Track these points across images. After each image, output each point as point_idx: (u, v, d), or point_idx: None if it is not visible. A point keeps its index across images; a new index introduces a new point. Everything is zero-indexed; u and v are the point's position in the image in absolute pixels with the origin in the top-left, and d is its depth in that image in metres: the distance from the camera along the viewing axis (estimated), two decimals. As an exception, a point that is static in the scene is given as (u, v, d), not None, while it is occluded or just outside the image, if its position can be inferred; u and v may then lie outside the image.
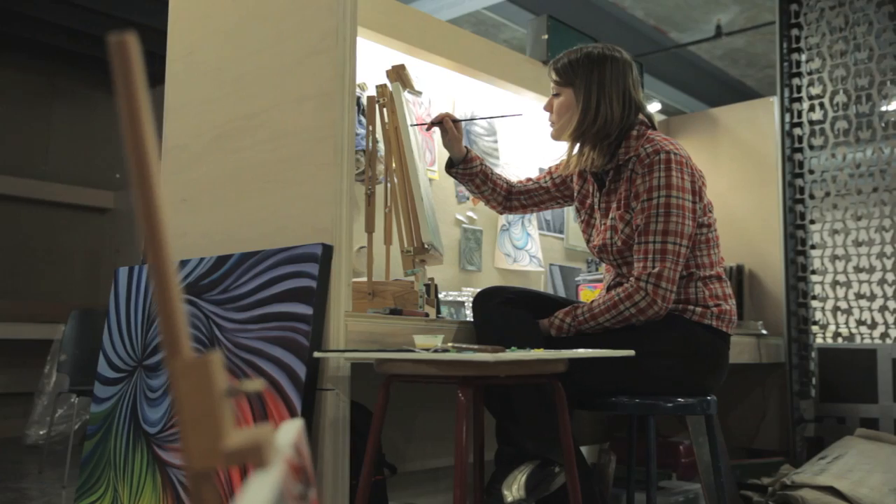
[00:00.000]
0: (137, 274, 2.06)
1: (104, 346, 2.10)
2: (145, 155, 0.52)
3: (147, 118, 0.53)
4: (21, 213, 5.10)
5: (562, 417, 1.45)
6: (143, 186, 0.52)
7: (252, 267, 1.74)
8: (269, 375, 1.62)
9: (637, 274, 1.77)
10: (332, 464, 1.57)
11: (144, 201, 0.52)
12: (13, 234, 5.05)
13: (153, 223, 0.52)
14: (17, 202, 5.04)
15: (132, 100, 0.52)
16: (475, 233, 2.85)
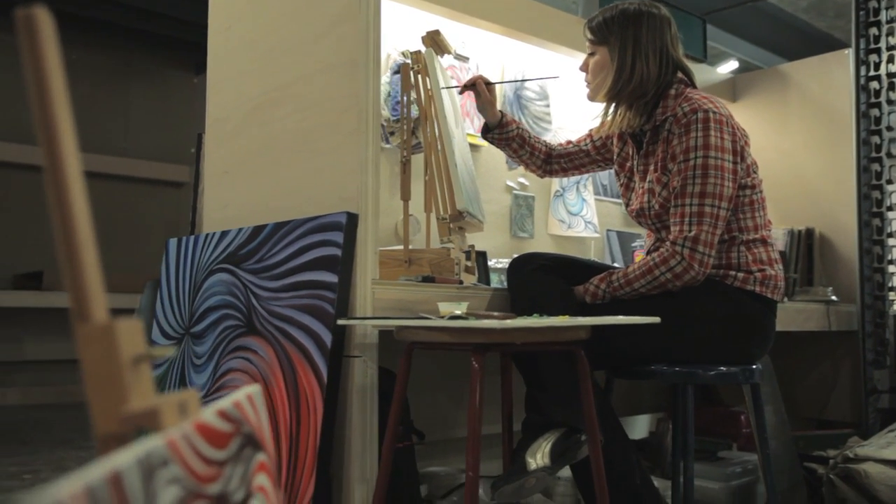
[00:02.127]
0: (185, 244, 2.12)
1: (157, 315, 2.18)
2: (53, 120, 0.53)
3: (58, 86, 0.54)
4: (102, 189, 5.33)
5: (584, 385, 1.42)
6: (50, 152, 0.53)
7: (284, 236, 1.77)
8: (298, 342, 1.65)
9: (673, 238, 1.71)
10: (360, 429, 1.59)
11: (52, 168, 0.53)
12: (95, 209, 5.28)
13: (61, 188, 0.53)
14: (98, 178, 5.27)
15: (40, 74, 0.53)
16: (527, 199, 2.81)
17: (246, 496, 0.62)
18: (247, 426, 0.67)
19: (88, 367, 0.52)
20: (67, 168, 0.53)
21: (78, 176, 0.54)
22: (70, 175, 0.54)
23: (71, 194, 0.53)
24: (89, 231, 0.55)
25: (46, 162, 0.53)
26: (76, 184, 0.54)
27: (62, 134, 0.53)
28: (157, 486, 0.45)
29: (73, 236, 0.53)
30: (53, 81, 0.53)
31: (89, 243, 0.54)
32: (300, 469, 1.57)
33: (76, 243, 0.53)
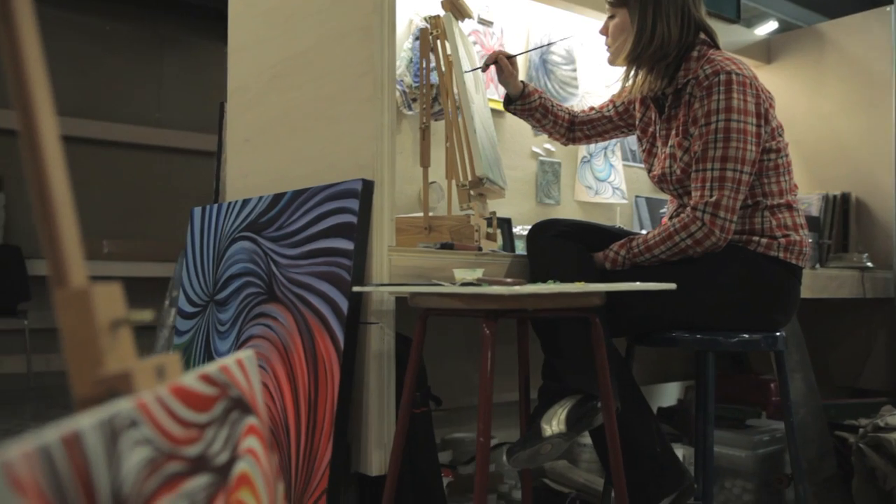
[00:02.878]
0: (209, 213, 2.14)
1: (183, 283, 2.21)
2: (28, 83, 0.53)
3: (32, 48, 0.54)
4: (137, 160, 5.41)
5: (599, 352, 1.41)
6: (25, 116, 0.53)
7: (302, 204, 1.77)
8: (316, 309, 1.66)
9: (693, 203, 1.68)
10: (378, 395, 1.61)
11: (27, 133, 0.53)
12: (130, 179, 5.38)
13: (37, 150, 0.54)
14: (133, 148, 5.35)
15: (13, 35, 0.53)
16: (553, 165, 2.78)
17: (231, 458, 0.63)
18: (235, 390, 0.67)
19: (66, 332, 0.53)
20: (43, 133, 0.54)
21: (55, 141, 0.55)
22: (46, 140, 0.54)
23: (47, 160, 0.54)
24: (67, 197, 0.55)
25: (21, 126, 0.53)
26: (53, 149, 0.54)
27: (37, 98, 0.54)
28: (122, 448, 0.46)
29: (50, 202, 0.54)
30: (27, 43, 0.53)
31: (67, 209, 0.55)
32: (318, 434, 1.59)
33: (53, 209, 0.54)
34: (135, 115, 5.35)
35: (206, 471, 0.57)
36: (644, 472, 1.71)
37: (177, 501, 0.51)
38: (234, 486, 0.62)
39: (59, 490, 0.39)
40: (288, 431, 1.67)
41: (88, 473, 0.42)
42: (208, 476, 0.57)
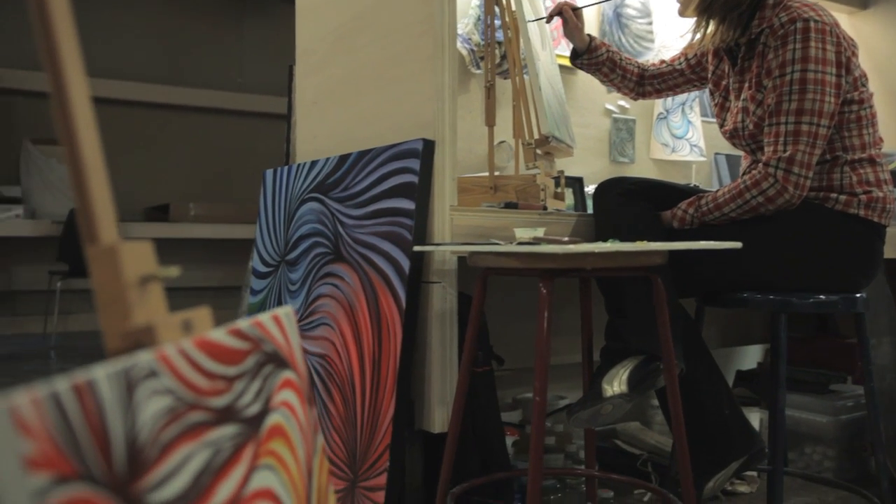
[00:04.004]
0: (280, 175, 2.19)
1: (256, 243, 2.28)
2: (57, 44, 0.55)
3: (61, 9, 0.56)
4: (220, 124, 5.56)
5: (660, 312, 1.38)
6: (55, 77, 0.55)
7: (366, 165, 1.79)
8: (379, 269, 1.69)
9: (766, 159, 1.61)
10: (440, 354, 1.62)
11: (58, 95, 0.55)
12: (215, 144, 5.54)
13: (68, 115, 0.56)
14: (216, 113, 5.50)
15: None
16: (627, 123, 2.72)
17: (263, 410, 0.65)
18: (269, 345, 0.69)
19: (97, 287, 0.55)
20: (74, 94, 0.56)
21: (85, 102, 0.57)
22: (76, 101, 0.56)
23: (78, 121, 0.56)
24: (98, 158, 0.57)
25: (52, 88, 0.55)
26: (83, 110, 0.56)
27: (67, 59, 0.55)
28: (140, 397, 0.48)
29: (81, 162, 0.56)
30: (56, 4, 0.55)
31: (98, 170, 0.57)
32: (381, 391, 1.62)
33: (84, 169, 0.56)
34: (218, 80, 5.49)
35: (234, 421, 0.59)
36: (712, 435, 1.68)
37: (200, 449, 0.53)
38: (265, 438, 0.64)
39: (70, 435, 0.41)
40: (354, 388, 1.71)
41: (102, 420, 0.44)
42: (236, 426, 0.59)
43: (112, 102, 5.23)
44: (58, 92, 0.55)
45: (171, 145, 5.42)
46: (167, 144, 5.41)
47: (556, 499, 1.87)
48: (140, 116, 5.30)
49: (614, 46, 2.07)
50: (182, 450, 0.51)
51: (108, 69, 5.23)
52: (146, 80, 5.26)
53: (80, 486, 0.41)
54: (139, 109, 5.29)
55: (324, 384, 1.82)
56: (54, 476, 0.39)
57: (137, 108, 5.28)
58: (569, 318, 2.25)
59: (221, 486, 0.55)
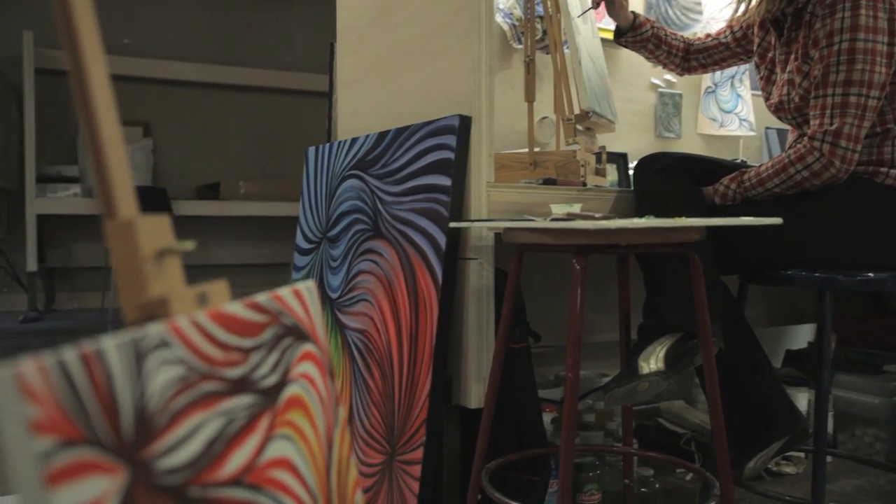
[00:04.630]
0: (321, 152, 2.21)
1: (300, 220, 2.31)
2: (75, 21, 0.57)
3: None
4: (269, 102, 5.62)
5: (697, 289, 1.36)
6: (73, 54, 0.57)
7: (404, 141, 1.79)
8: (417, 245, 1.69)
9: (811, 132, 1.56)
10: (476, 330, 1.63)
11: (76, 71, 0.57)
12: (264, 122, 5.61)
13: (86, 92, 0.57)
14: (265, 92, 5.55)
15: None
16: (673, 97, 2.66)
17: (281, 382, 0.66)
18: (289, 318, 0.70)
19: (115, 260, 0.57)
20: (92, 71, 0.57)
21: (104, 80, 0.58)
22: (95, 80, 0.57)
23: (96, 99, 0.57)
24: (116, 135, 0.59)
25: (71, 67, 0.57)
26: (101, 88, 0.58)
27: (85, 36, 0.57)
28: (150, 366, 0.50)
29: (100, 140, 0.57)
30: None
31: (116, 145, 0.58)
32: (419, 366, 1.64)
33: (102, 146, 0.57)
34: (267, 59, 5.54)
35: (250, 392, 0.61)
36: (753, 414, 1.65)
37: (213, 418, 0.55)
38: (283, 408, 0.65)
39: (76, 401, 0.43)
40: (392, 363, 1.73)
41: (110, 388, 0.46)
42: (251, 397, 0.61)
43: (164, 83, 5.33)
44: (76, 71, 0.57)
45: (221, 124, 5.50)
46: (218, 123, 5.49)
47: (594, 475, 1.87)
48: (191, 96, 5.39)
49: (659, 21, 2.02)
50: (194, 418, 0.53)
51: (159, 50, 5.33)
52: (197, 60, 5.35)
53: (86, 450, 0.42)
54: (190, 89, 5.38)
55: (363, 359, 1.85)
56: (59, 440, 0.41)
57: (189, 88, 5.37)
58: (612, 295, 2.24)
59: (235, 453, 0.57)
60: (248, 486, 0.57)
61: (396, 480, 1.64)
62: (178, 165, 5.33)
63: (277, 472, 0.61)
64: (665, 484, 2.15)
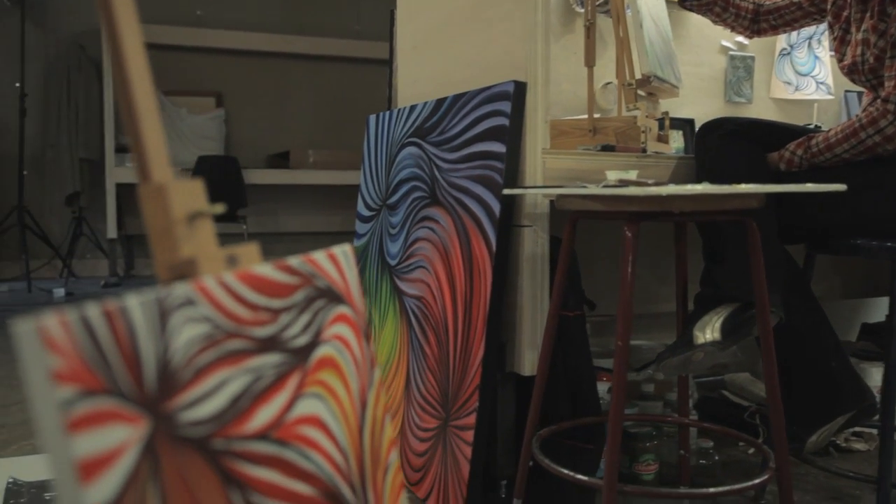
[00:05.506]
0: (382, 120, 2.22)
1: (361, 188, 2.34)
2: None
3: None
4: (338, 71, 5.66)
5: (754, 258, 1.32)
6: (109, 25, 0.59)
7: (460, 108, 1.79)
8: (472, 212, 1.70)
9: (885, 94, 1.48)
10: (530, 297, 1.63)
11: (112, 42, 0.59)
12: (333, 91, 5.66)
13: (122, 62, 0.59)
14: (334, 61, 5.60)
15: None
16: (745, 60, 2.57)
17: (312, 342, 0.68)
18: (322, 280, 0.72)
19: (148, 222, 0.59)
20: (126, 41, 0.59)
21: (138, 50, 0.60)
22: (130, 50, 0.59)
23: (130, 67, 0.59)
24: (150, 102, 0.61)
25: (107, 37, 0.59)
26: (136, 56, 0.60)
27: (120, 9, 0.59)
28: (174, 323, 0.52)
29: (134, 107, 0.59)
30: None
31: (150, 113, 0.60)
32: (472, 333, 1.65)
33: (137, 113, 0.59)
34: (335, 27, 5.58)
35: (279, 351, 0.62)
36: (817, 387, 1.61)
37: (239, 375, 0.57)
38: (314, 368, 0.67)
39: (98, 354, 0.45)
40: (447, 330, 1.74)
41: (133, 343, 0.48)
42: (280, 356, 0.62)
43: (235, 53, 5.43)
44: (112, 42, 0.59)
45: (291, 93, 5.58)
46: (288, 93, 5.58)
47: (651, 446, 1.85)
48: (262, 66, 5.48)
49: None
50: (219, 374, 0.55)
51: (231, 20, 5.42)
52: (268, 30, 5.42)
53: (106, 400, 0.44)
54: (261, 59, 5.47)
55: (420, 326, 1.87)
56: (80, 389, 0.43)
57: (260, 58, 5.46)
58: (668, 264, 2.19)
59: (262, 409, 0.58)
60: (275, 440, 0.59)
61: (450, 445, 1.66)
62: (249, 135, 5.44)
63: (306, 429, 0.63)
64: (726, 457, 2.12)
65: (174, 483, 0.48)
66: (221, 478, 0.52)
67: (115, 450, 0.44)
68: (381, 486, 0.74)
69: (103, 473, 0.43)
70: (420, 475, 1.78)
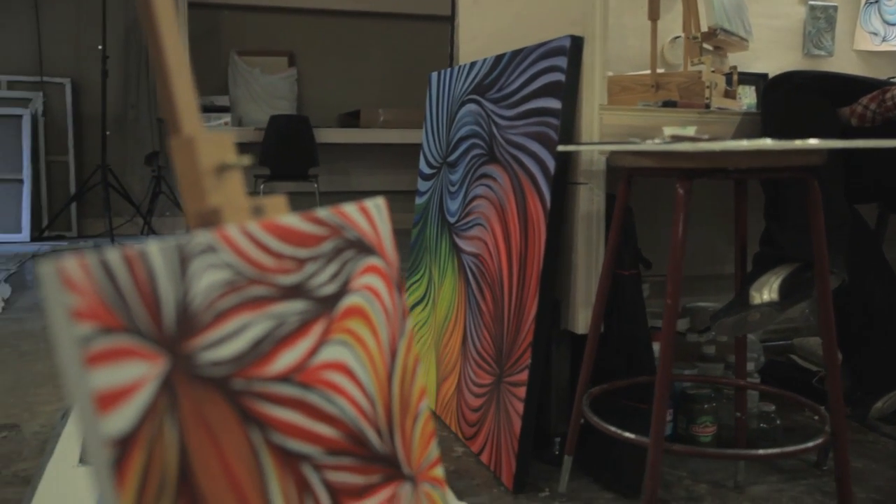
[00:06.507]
0: (443, 77, 2.22)
1: (422, 146, 2.35)
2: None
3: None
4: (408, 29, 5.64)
5: (814, 216, 1.28)
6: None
7: (518, 64, 1.77)
8: (528, 169, 1.69)
9: (966, 45, 1.40)
10: (585, 255, 1.62)
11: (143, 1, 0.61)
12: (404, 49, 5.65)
13: (152, 18, 0.61)
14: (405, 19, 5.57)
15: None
16: (826, 10, 2.45)
17: (340, 291, 0.70)
18: (352, 232, 0.73)
19: (179, 173, 0.62)
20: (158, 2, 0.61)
21: (169, 8, 0.62)
22: (160, 8, 0.61)
23: (161, 24, 0.61)
24: (181, 58, 0.63)
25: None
26: (166, 13, 0.62)
27: (150, -32, 0.61)
28: (195, 268, 0.54)
29: (165, 63, 0.62)
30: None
31: (181, 69, 0.62)
32: (526, 290, 1.65)
33: (167, 69, 0.62)
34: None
35: (303, 298, 0.65)
36: (883, 352, 1.56)
37: (261, 319, 0.59)
38: (340, 316, 0.69)
39: (117, 295, 0.48)
40: (502, 286, 1.75)
41: (152, 286, 0.50)
42: (305, 303, 0.65)
43: (307, 12, 5.47)
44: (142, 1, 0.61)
45: (362, 52, 5.60)
46: (359, 52, 5.60)
47: (709, 408, 1.83)
48: (334, 25, 5.51)
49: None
50: (240, 318, 0.57)
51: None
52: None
53: (124, 338, 0.47)
54: (333, 18, 5.50)
55: (477, 283, 1.88)
56: (98, 326, 0.46)
57: (331, 16, 5.49)
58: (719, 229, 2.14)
59: (285, 353, 0.61)
60: (298, 384, 0.62)
61: (503, 401, 1.68)
62: (321, 94, 5.50)
63: (331, 374, 0.66)
64: (791, 422, 2.07)
65: (192, 418, 0.50)
66: (240, 416, 0.55)
67: (132, 384, 0.47)
68: (411, 433, 0.76)
69: (121, 405, 0.46)
70: (475, 430, 1.81)
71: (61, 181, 5.38)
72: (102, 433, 0.44)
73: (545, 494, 1.58)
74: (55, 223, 5.16)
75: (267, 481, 0.55)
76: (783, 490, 1.61)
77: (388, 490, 0.70)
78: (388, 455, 0.71)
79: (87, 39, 5.23)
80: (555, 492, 1.59)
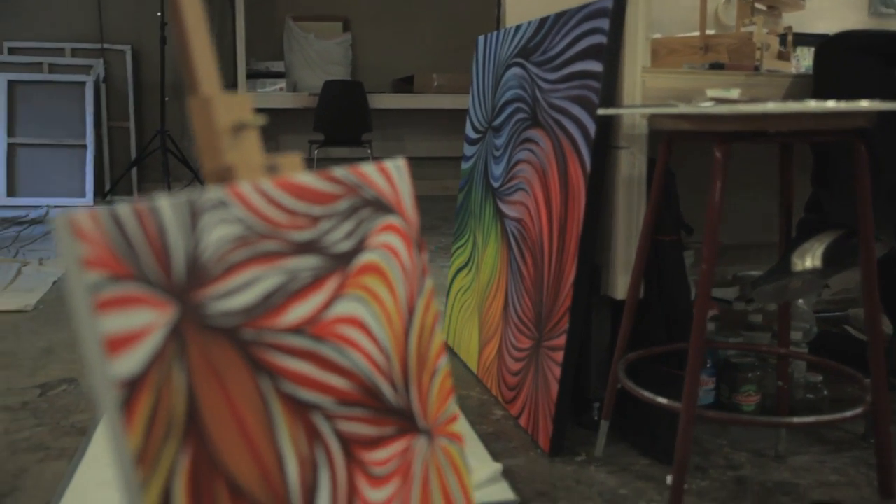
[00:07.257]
0: (490, 41, 2.21)
1: (469, 111, 2.34)
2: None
3: None
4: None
5: (860, 181, 1.24)
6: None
7: (562, 27, 1.75)
8: (569, 133, 1.67)
9: None
10: (625, 221, 1.60)
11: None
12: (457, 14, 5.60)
13: (171, -17, 0.63)
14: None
15: None
16: (892, -33, 2.34)
17: (356, 248, 0.71)
18: (370, 191, 0.75)
19: (196, 132, 0.64)
20: (176, -38, 0.63)
21: (188, -32, 0.64)
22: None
23: (180, -15, 0.63)
24: (200, 21, 0.65)
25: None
26: (185, -25, 0.63)
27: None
28: (205, 222, 0.56)
29: (183, 25, 0.63)
30: None
31: (199, 30, 0.64)
32: (566, 255, 1.65)
33: (186, 30, 0.63)
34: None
35: (317, 254, 0.66)
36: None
37: (273, 273, 0.61)
38: (356, 272, 0.71)
39: (127, 245, 0.50)
40: (542, 251, 1.75)
41: (162, 238, 0.53)
42: (319, 259, 0.67)
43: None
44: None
45: (416, 17, 5.58)
46: (413, 17, 5.58)
47: (753, 377, 1.81)
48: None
49: None
50: (251, 271, 0.59)
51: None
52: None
53: (133, 286, 0.50)
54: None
55: (518, 248, 1.88)
56: (108, 274, 0.48)
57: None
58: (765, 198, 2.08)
59: (297, 306, 0.63)
60: (311, 336, 0.64)
61: (542, 365, 1.69)
62: (375, 59, 5.50)
63: (344, 328, 0.68)
64: (840, 393, 2.03)
65: (201, 364, 0.53)
66: (250, 365, 0.57)
67: (140, 330, 0.49)
68: (428, 388, 0.78)
69: (129, 350, 0.48)
70: (514, 394, 1.82)
71: (122, 146, 5.53)
72: (111, 374, 0.46)
73: (581, 458, 1.59)
74: (117, 187, 5.32)
75: (276, 427, 0.58)
76: (825, 461, 1.59)
77: (402, 442, 0.72)
78: (402, 408, 0.73)
79: (146, 6, 5.33)
80: (591, 456, 1.60)
